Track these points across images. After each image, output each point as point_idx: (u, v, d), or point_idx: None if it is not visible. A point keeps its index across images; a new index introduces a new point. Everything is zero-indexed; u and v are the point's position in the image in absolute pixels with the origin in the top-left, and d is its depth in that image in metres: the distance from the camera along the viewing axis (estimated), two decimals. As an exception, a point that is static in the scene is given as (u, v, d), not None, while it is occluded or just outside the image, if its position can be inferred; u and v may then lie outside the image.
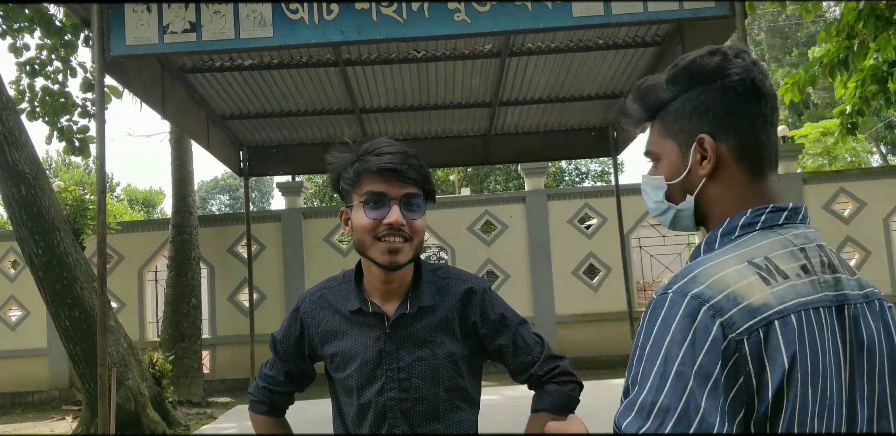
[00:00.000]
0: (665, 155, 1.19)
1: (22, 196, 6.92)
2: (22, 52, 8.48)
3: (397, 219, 1.60)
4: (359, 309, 1.71)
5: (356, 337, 1.72)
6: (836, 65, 6.01)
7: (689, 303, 0.99)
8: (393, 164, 1.61)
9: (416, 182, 1.65)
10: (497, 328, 1.75)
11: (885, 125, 25.61)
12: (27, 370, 11.11)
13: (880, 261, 10.97)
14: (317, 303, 1.80)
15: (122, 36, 4.07)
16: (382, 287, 1.71)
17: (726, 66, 1.12)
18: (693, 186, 1.15)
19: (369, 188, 1.63)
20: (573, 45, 5.75)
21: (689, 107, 1.14)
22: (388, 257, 1.62)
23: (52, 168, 33.23)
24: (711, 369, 0.95)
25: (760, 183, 1.16)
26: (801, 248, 1.12)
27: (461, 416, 1.73)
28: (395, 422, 1.68)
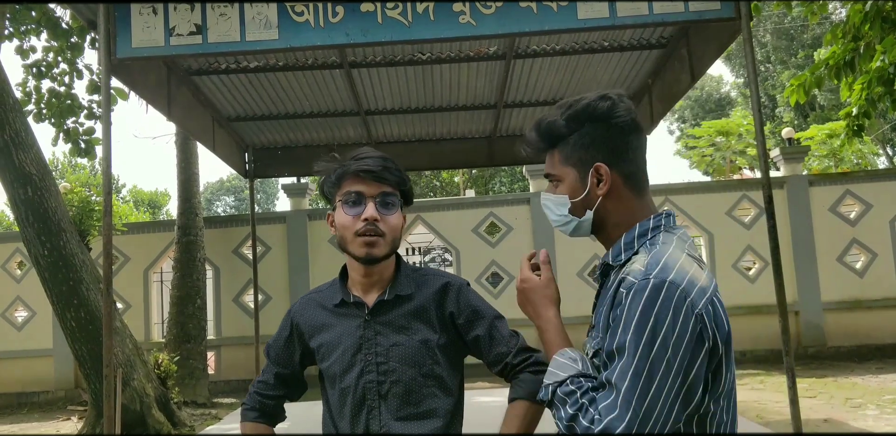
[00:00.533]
0: (566, 178, 1.48)
1: (28, 197, 6.94)
2: (29, 55, 8.52)
3: (372, 214, 1.77)
4: (342, 301, 1.87)
5: (340, 327, 1.86)
6: (842, 67, 6.00)
7: (668, 288, 1.28)
8: (369, 166, 1.80)
9: (391, 183, 1.82)
10: (473, 319, 1.87)
11: (892, 127, 25.53)
12: (33, 371, 11.14)
13: (887, 263, 10.94)
14: (307, 304, 1.97)
15: (128, 38, 4.08)
16: (364, 280, 1.87)
17: (615, 109, 1.46)
18: (592, 203, 1.46)
19: (348, 188, 1.81)
20: (578, 47, 5.75)
21: (586, 141, 1.45)
22: (365, 250, 1.78)
23: (59, 170, 33.32)
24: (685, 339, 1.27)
25: (643, 198, 1.48)
26: (689, 243, 1.44)
27: (437, 402, 1.81)
28: (373, 404, 1.79)
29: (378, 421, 1.78)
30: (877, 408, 7.35)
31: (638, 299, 1.29)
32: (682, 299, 1.28)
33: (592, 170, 1.44)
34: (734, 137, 25.71)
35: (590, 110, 1.46)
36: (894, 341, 10.72)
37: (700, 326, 1.29)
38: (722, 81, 36.36)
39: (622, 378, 1.26)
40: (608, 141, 1.45)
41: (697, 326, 1.29)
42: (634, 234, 1.44)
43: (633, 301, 1.29)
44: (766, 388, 8.92)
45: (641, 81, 6.48)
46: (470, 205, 11.78)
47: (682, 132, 34.21)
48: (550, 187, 1.53)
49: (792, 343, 4.24)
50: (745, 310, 10.88)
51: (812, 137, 20.56)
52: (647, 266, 1.33)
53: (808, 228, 10.97)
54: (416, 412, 1.79)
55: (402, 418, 1.78)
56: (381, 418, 1.78)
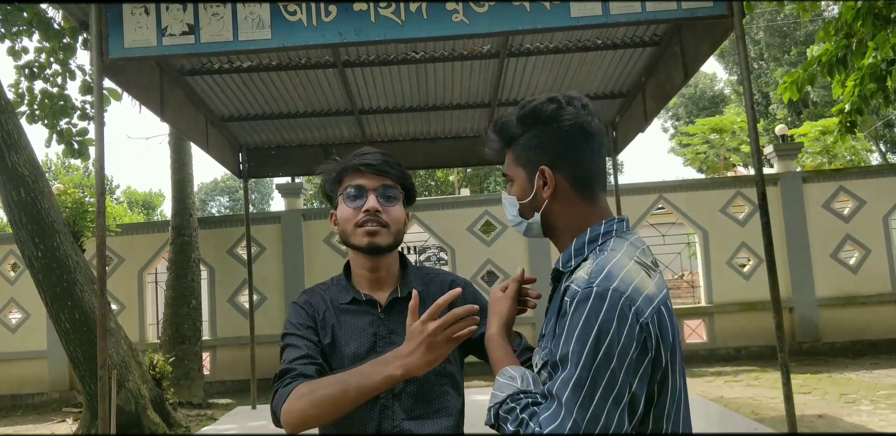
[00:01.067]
0: (516, 179, 1.47)
1: (21, 199, 6.92)
2: (21, 56, 8.48)
3: (373, 205, 1.76)
4: (352, 299, 1.83)
5: (350, 325, 1.82)
6: (835, 63, 6.01)
7: (611, 296, 1.25)
8: (369, 160, 1.80)
9: (391, 176, 1.82)
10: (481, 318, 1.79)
11: (885, 124, 25.63)
12: (27, 373, 11.10)
13: (880, 259, 10.98)
14: (312, 296, 1.89)
15: (120, 38, 4.07)
16: (370, 276, 1.84)
17: (560, 112, 1.44)
18: (539, 205, 1.44)
19: (348, 183, 1.81)
20: (571, 45, 5.75)
21: (534, 142, 1.44)
22: (368, 239, 1.76)
23: (52, 171, 33.22)
24: (629, 348, 1.23)
25: (593, 203, 1.45)
26: (642, 249, 1.40)
27: (449, 401, 1.80)
28: (386, 403, 1.74)
29: (391, 420, 1.74)
30: (871, 403, 7.37)
31: (581, 309, 1.25)
32: (626, 308, 1.24)
33: (538, 173, 1.43)
34: (728, 135, 25.78)
35: (537, 112, 1.45)
36: (888, 337, 10.77)
37: (644, 335, 1.25)
38: (715, 79, 36.44)
39: (563, 388, 1.22)
40: (554, 144, 1.43)
41: (642, 335, 1.25)
42: (585, 239, 1.40)
43: (577, 310, 1.26)
44: (760, 384, 8.94)
45: (635, 79, 6.49)
46: (465, 204, 11.79)
47: (675, 130, 34.28)
48: (507, 187, 1.53)
49: (786, 339, 4.26)
50: (739, 307, 10.92)
51: (805, 134, 20.63)
52: (591, 274, 1.30)
53: (801, 225, 11.01)
54: (429, 411, 1.76)
55: (416, 417, 1.75)
56: (395, 418, 1.74)
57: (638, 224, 11.18)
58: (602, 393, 1.21)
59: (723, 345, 11.02)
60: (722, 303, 11.04)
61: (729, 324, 10.99)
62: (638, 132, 7.01)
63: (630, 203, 10.35)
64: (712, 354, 10.94)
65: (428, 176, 28.35)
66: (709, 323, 11.16)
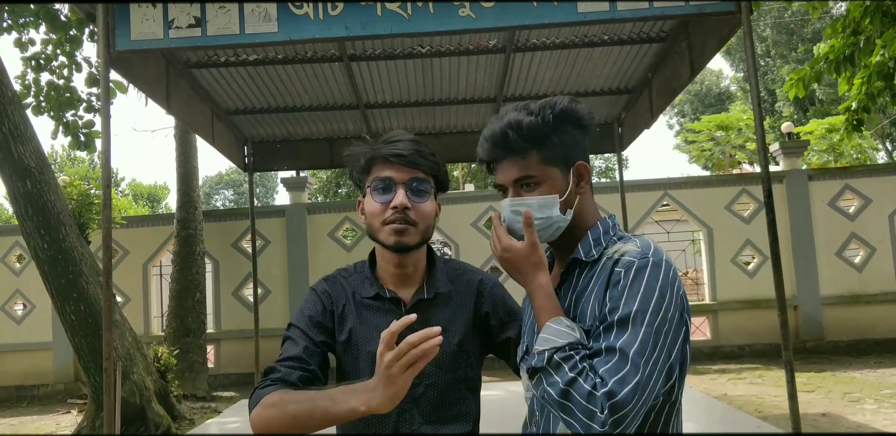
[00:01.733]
0: (549, 178, 1.49)
1: (27, 191, 6.94)
2: (27, 47, 8.49)
3: (402, 201, 1.66)
4: (376, 295, 1.76)
5: (372, 322, 1.74)
6: (842, 61, 5.99)
7: (666, 265, 1.37)
8: (399, 150, 1.68)
9: (423, 168, 1.70)
10: (507, 321, 1.81)
11: (891, 122, 25.52)
12: (32, 364, 11.16)
13: (886, 257, 10.95)
14: (334, 286, 1.82)
15: (127, 31, 4.07)
16: (396, 272, 1.76)
17: (584, 112, 1.52)
18: (573, 202, 1.50)
19: (377, 174, 1.70)
20: (578, 40, 5.73)
21: (567, 140, 1.49)
22: (395, 238, 1.67)
23: (58, 163, 33.31)
24: (678, 315, 1.35)
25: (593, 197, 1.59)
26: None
27: (467, 406, 1.76)
28: (405, 406, 1.67)
29: (409, 424, 1.70)
30: (875, 402, 7.37)
31: (641, 275, 1.34)
32: (676, 278, 1.37)
33: (574, 169, 1.50)
34: (734, 132, 25.71)
35: (568, 112, 1.50)
36: (893, 336, 10.75)
37: (683, 306, 1.39)
38: (722, 76, 36.31)
39: (630, 344, 1.27)
40: (581, 141, 1.53)
41: (683, 305, 1.39)
42: (600, 231, 1.50)
43: (637, 277, 1.34)
44: (764, 382, 8.94)
45: (641, 75, 6.47)
46: (469, 199, 11.79)
47: (681, 126, 34.18)
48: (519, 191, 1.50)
49: (790, 338, 4.24)
50: (743, 304, 10.91)
51: (811, 132, 20.56)
52: (643, 248, 1.40)
53: (807, 223, 10.98)
54: (446, 416, 1.73)
55: (433, 421, 1.72)
56: (413, 422, 1.70)
57: (643, 221, 11.17)
58: (657, 354, 1.29)
59: (727, 342, 11.01)
60: (726, 300, 11.03)
61: (733, 321, 10.99)
62: (644, 128, 6.99)
63: (635, 200, 10.34)
64: (716, 351, 10.94)
65: (433, 171, 28.29)
66: (713, 320, 11.15)
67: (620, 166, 8.21)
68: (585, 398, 1.24)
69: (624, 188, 8.02)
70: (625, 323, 1.30)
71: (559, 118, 1.49)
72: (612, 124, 7.66)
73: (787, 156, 11.44)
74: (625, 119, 7.43)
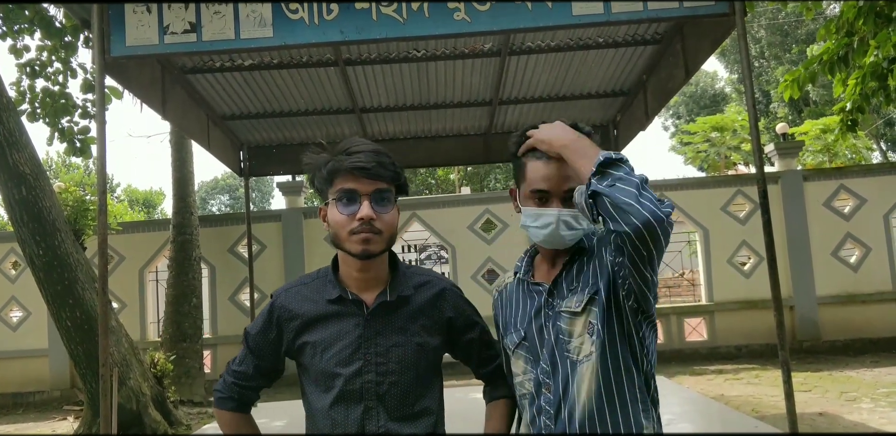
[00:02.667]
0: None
1: (23, 197, 6.92)
2: (22, 54, 8.48)
3: (367, 213, 1.72)
4: (338, 297, 1.82)
5: (335, 324, 1.82)
6: (836, 62, 6.01)
7: None
8: (362, 162, 1.73)
9: (385, 179, 1.77)
10: (469, 324, 1.94)
11: (885, 122, 25.61)
12: (28, 371, 11.12)
13: (881, 257, 10.99)
14: (293, 297, 1.89)
15: (122, 37, 4.07)
16: (359, 276, 1.83)
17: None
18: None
19: (341, 186, 1.76)
20: (573, 43, 5.74)
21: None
22: (362, 247, 1.74)
23: (53, 169, 33.24)
24: None
25: None
26: None
27: (428, 402, 1.85)
28: (370, 404, 1.77)
29: (376, 421, 1.77)
30: (871, 401, 7.38)
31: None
32: None
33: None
34: (728, 133, 25.78)
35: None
36: (888, 335, 10.77)
37: None
38: (716, 77, 36.40)
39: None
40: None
41: None
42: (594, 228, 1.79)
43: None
44: (761, 382, 8.95)
45: (636, 77, 6.48)
46: (465, 202, 11.79)
47: (676, 128, 34.27)
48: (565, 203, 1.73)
49: (787, 338, 4.26)
50: (740, 305, 10.93)
51: (806, 133, 20.61)
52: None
53: (802, 223, 11.01)
54: (411, 413, 1.80)
55: (399, 418, 1.79)
56: (379, 419, 1.77)
57: (639, 222, 11.17)
58: None
59: (724, 343, 11.03)
60: (722, 301, 11.05)
61: (729, 322, 11.00)
62: (639, 130, 7.00)
63: (631, 201, 10.33)
64: (713, 352, 10.95)
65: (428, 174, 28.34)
66: (709, 321, 11.16)
67: (616, 168, 8.19)
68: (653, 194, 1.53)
69: (620, 190, 8.01)
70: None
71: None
72: (607, 126, 7.67)
73: (782, 157, 11.47)
74: (620, 121, 7.45)
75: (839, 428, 6.32)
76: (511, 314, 1.87)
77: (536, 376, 1.76)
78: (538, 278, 1.85)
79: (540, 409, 1.74)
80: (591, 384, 1.67)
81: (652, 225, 1.48)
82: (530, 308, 1.81)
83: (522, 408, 1.83)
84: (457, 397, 5.67)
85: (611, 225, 1.53)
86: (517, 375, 1.82)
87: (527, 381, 1.79)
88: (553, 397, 1.71)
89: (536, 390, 1.76)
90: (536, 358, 1.76)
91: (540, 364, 1.75)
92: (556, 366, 1.73)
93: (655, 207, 1.49)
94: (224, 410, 1.96)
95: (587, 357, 1.68)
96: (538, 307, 1.79)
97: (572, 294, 1.74)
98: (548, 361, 1.74)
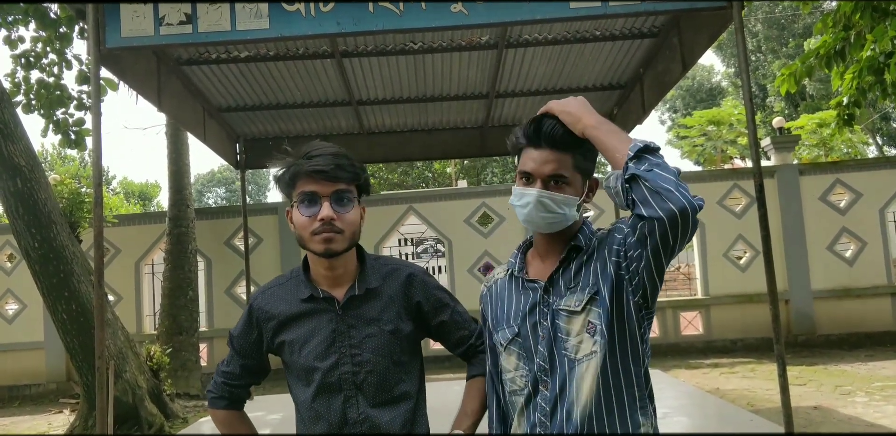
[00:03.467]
0: (574, 183, 1.76)
1: (18, 189, 6.90)
2: (17, 45, 8.44)
3: (327, 214, 1.81)
4: (310, 296, 1.91)
5: (309, 322, 1.91)
6: (833, 56, 6.01)
7: None
8: (320, 166, 1.82)
9: (344, 180, 1.85)
10: (439, 307, 2.01)
11: (882, 116, 25.64)
12: (24, 364, 11.12)
13: (876, 251, 11.02)
14: (269, 298, 1.98)
15: (117, 28, 4.04)
16: (328, 274, 1.91)
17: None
18: (580, 205, 1.78)
19: (302, 189, 1.85)
20: (570, 36, 5.73)
21: (588, 157, 1.78)
22: (324, 246, 1.82)
23: (48, 161, 33.12)
24: None
25: None
26: None
27: (406, 386, 1.93)
28: (349, 393, 1.87)
29: (356, 409, 1.86)
30: (866, 395, 7.41)
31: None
32: None
33: (589, 181, 1.80)
34: (725, 127, 25.77)
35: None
36: (883, 329, 10.81)
37: None
38: (713, 71, 36.38)
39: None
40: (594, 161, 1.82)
41: None
42: (591, 228, 1.85)
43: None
44: (756, 376, 8.98)
45: (633, 71, 6.47)
46: (462, 195, 11.79)
47: (673, 122, 34.24)
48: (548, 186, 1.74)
49: (782, 332, 4.26)
50: (735, 299, 10.95)
51: (802, 127, 20.63)
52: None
53: (798, 217, 11.03)
54: (389, 398, 1.89)
55: (378, 404, 1.88)
56: (359, 406, 1.86)
57: (635, 216, 11.20)
58: None
59: (719, 337, 11.06)
60: (718, 295, 11.07)
61: (725, 316, 11.03)
62: (636, 124, 7.00)
63: (627, 195, 10.34)
64: (709, 346, 10.98)
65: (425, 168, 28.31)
66: (705, 315, 11.19)
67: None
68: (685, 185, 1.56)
69: (616, 184, 8.01)
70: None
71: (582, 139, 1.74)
72: (604, 120, 7.65)
73: (778, 151, 11.48)
74: (616, 115, 7.44)
75: (834, 422, 6.34)
76: (502, 310, 1.87)
77: (532, 372, 1.76)
78: (532, 275, 1.85)
79: (535, 406, 1.75)
80: (592, 384, 1.67)
81: (687, 213, 1.52)
82: (524, 304, 1.82)
83: (512, 404, 1.83)
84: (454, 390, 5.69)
85: (643, 211, 1.54)
86: (508, 371, 1.83)
87: (519, 377, 1.80)
88: (549, 395, 1.72)
89: (533, 386, 1.76)
90: (530, 355, 1.77)
91: (536, 361, 1.75)
92: (553, 363, 1.73)
93: (692, 197, 1.54)
94: (217, 409, 2.06)
95: (587, 357, 1.69)
96: (532, 304, 1.80)
97: (571, 293, 1.75)
98: (545, 358, 1.74)
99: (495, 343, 1.88)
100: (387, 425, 1.86)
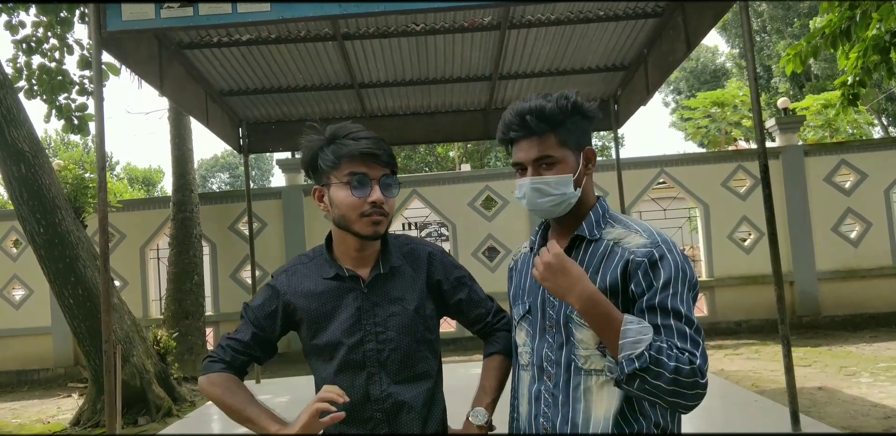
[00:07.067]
0: (566, 159, 1.73)
1: (22, 175, 6.91)
2: (18, 30, 8.40)
3: (379, 197, 1.84)
4: (336, 275, 1.93)
5: (334, 300, 1.92)
6: (839, 35, 5.95)
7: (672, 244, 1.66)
8: (371, 148, 1.84)
9: (388, 165, 1.89)
10: (457, 285, 2.04)
11: (887, 97, 25.46)
12: (32, 349, 11.19)
13: (881, 232, 10.99)
14: (293, 276, 2.00)
15: (118, 11, 4.02)
16: (357, 255, 1.94)
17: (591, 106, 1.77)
18: (581, 181, 1.75)
19: (351, 169, 1.84)
20: (573, 16, 5.69)
21: (578, 127, 1.75)
22: (373, 228, 1.86)
23: (52, 147, 33.14)
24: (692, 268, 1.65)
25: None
26: None
27: (428, 365, 1.95)
28: (373, 370, 1.88)
29: (379, 386, 1.88)
30: (870, 376, 7.43)
31: (667, 262, 1.61)
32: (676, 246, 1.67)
33: (584, 152, 1.75)
34: (729, 108, 25.61)
35: (580, 105, 1.75)
36: (888, 310, 10.81)
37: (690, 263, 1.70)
38: (717, 52, 36.10)
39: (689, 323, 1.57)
40: (588, 130, 1.79)
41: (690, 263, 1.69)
42: (599, 213, 1.77)
43: (664, 265, 1.61)
44: (761, 357, 9.00)
45: (637, 51, 6.43)
46: (465, 179, 11.77)
47: (677, 104, 34.07)
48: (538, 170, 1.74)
49: (787, 313, 4.27)
50: (740, 280, 10.95)
51: (808, 108, 20.49)
52: (649, 236, 1.67)
53: (803, 199, 11.00)
54: (412, 375, 1.91)
55: (400, 381, 1.89)
56: (382, 384, 1.88)
57: (639, 198, 11.18)
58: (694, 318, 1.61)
59: (724, 319, 11.07)
60: (723, 277, 11.07)
61: (730, 298, 11.04)
62: (640, 105, 6.96)
63: (631, 177, 10.32)
64: (713, 327, 11.00)
65: (428, 152, 28.26)
66: (710, 297, 11.20)
67: (617, 144, 8.19)
68: (689, 374, 1.49)
69: (620, 166, 8.00)
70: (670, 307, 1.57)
71: (572, 107, 1.72)
72: (607, 101, 7.62)
73: (783, 132, 11.42)
74: (620, 96, 7.40)
75: (838, 402, 6.36)
76: (519, 285, 1.91)
77: (538, 355, 1.77)
78: None
79: (538, 394, 1.75)
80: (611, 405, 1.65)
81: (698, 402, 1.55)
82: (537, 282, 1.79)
83: (520, 378, 1.85)
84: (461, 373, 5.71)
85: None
86: (519, 345, 1.87)
87: (525, 353, 1.83)
88: (555, 389, 1.72)
89: (538, 372, 1.76)
90: (534, 334, 1.79)
91: (543, 349, 1.75)
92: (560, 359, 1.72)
93: (695, 388, 1.51)
94: (213, 372, 1.94)
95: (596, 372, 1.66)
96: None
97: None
98: (552, 346, 1.74)
99: (512, 317, 1.92)
100: (410, 402, 1.88)
